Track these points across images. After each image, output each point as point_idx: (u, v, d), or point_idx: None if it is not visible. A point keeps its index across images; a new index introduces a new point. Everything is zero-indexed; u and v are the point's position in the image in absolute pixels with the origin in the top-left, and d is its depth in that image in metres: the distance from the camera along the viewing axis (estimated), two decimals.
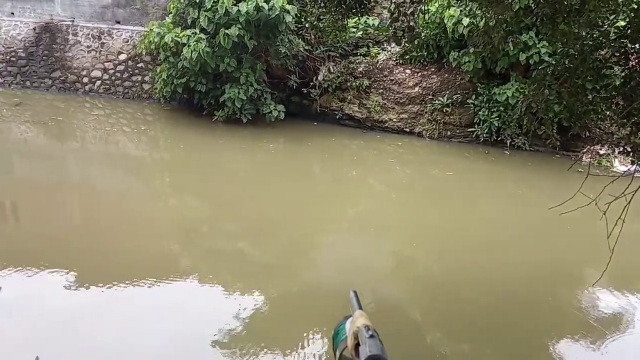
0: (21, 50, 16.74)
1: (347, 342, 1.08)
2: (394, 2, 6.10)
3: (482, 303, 7.01)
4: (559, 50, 6.74)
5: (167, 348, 5.60)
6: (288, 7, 12.97)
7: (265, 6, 12.65)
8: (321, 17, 13.04)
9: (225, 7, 12.59)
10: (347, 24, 14.16)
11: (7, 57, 16.76)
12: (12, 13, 17.02)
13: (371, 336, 1.02)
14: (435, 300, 7.12)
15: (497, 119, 12.90)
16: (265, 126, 13.87)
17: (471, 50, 12.61)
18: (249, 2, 12.60)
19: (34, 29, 16.68)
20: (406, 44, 11.59)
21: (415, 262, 8.29)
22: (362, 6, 7.18)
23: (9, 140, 13.30)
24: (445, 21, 12.78)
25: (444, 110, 13.67)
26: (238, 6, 12.63)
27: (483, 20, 6.79)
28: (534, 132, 6.94)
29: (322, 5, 7.55)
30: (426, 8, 13.41)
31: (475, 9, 7.24)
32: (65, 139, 13.71)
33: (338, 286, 7.20)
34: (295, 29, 14.10)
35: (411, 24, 5.40)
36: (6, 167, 11.58)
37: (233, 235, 8.83)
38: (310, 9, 13.17)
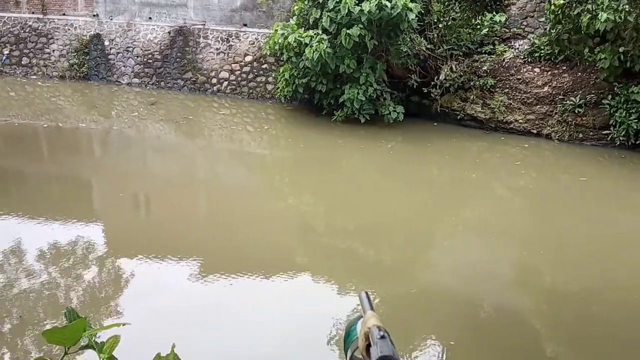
0: (157, 53, 17.94)
1: (358, 342, 1.06)
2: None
3: (614, 319, 6.45)
4: None
5: (284, 338, 5.72)
6: (411, 5, 12.74)
7: (388, 4, 12.53)
8: (453, 16, 12.77)
9: (348, 7, 12.65)
10: (481, 21, 13.70)
11: (145, 59, 18.03)
12: (150, 18, 18.28)
13: (382, 337, 1.00)
14: (560, 313, 6.66)
15: (635, 120, 11.88)
16: (383, 126, 13.78)
17: (609, 47, 11.69)
18: (372, 1, 12.54)
19: (169, 32, 17.81)
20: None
21: (541, 271, 7.80)
22: (498, 3, 6.89)
23: (144, 136, 14.30)
24: (581, 16, 11.92)
25: (576, 111, 12.79)
26: (360, 6, 12.63)
27: (634, 16, 6.25)
28: None
29: (455, 3, 7.36)
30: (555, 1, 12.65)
31: (623, 5, 6.69)
32: (194, 136, 14.50)
33: (454, 292, 6.98)
34: (418, 27, 13.85)
35: (525, 18, 5.09)
36: (141, 161, 12.48)
37: (349, 234, 8.85)
38: (444, 9, 12.91)
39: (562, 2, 12.21)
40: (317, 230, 9.18)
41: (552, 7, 12.03)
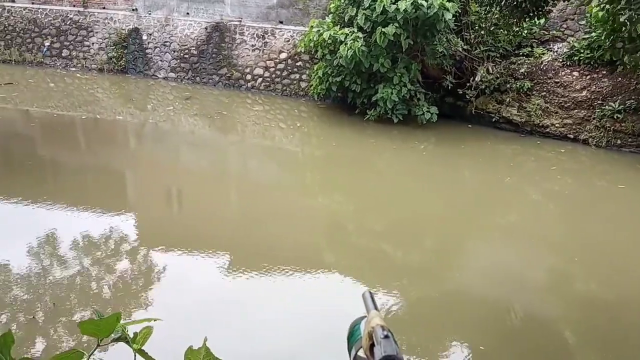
0: (193, 48, 18.14)
1: (362, 342, 1.07)
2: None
3: None
4: None
5: (309, 336, 5.73)
6: (448, 4, 12.60)
7: (424, 4, 12.42)
8: (495, 22, 12.58)
9: (384, 5, 12.58)
10: (522, 26, 13.45)
11: (182, 54, 18.25)
12: (188, 13, 18.49)
13: (386, 336, 1.00)
14: (593, 322, 6.52)
15: None
16: (416, 127, 13.68)
17: None
18: (407, 0, 12.45)
19: (206, 28, 17.99)
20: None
21: (575, 278, 7.65)
22: (540, 9, 6.79)
23: (179, 130, 14.49)
24: (623, 19, 11.64)
25: (615, 117, 12.48)
26: (397, 4, 12.55)
27: None
28: None
29: (497, 9, 7.28)
30: (596, 5, 12.37)
31: None
32: (227, 131, 14.63)
33: (483, 295, 6.90)
34: (455, 27, 13.70)
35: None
36: (175, 155, 12.64)
37: (378, 234, 8.82)
38: (484, 15, 12.73)
39: (607, 7, 11.97)
40: (347, 229, 9.16)
41: (597, 11, 11.79)
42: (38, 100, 15.80)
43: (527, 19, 7.97)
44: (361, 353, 1.07)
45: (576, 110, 13.09)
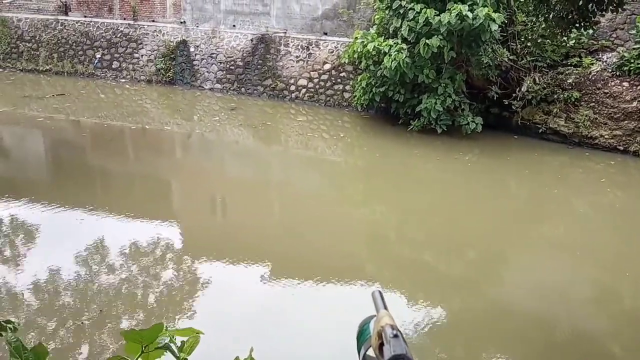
0: (239, 60, 18.45)
1: (371, 341, 1.07)
2: (614, 12, 5.57)
3: None
4: None
5: (350, 345, 5.72)
6: (494, 15, 12.45)
7: (470, 15, 12.32)
8: (541, 32, 12.38)
9: (427, 16, 12.55)
10: (569, 37, 13.20)
11: (228, 66, 18.60)
12: (234, 25, 18.85)
13: (395, 336, 1.00)
14: None
15: None
16: (460, 138, 13.54)
17: None
18: (452, 11, 12.37)
19: (252, 40, 18.29)
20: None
21: (624, 294, 7.42)
22: (587, 20, 6.65)
23: (224, 140, 14.74)
24: None
25: None
26: (440, 16, 12.50)
27: None
28: None
29: (542, 20, 7.17)
30: None
31: None
32: (271, 142, 14.80)
33: (528, 309, 6.76)
34: (501, 37, 13.54)
35: (615, 30, 4.90)
36: (219, 164, 12.87)
37: (420, 245, 8.76)
38: (530, 27, 12.55)
39: None
40: (389, 240, 9.13)
41: None
42: (89, 110, 16.35)
43: (573, 30, 7.79)
44: (370, 352, 1.08)
45: (626, 122, 12.73)
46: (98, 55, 20.04)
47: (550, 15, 6.59)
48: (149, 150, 13.54)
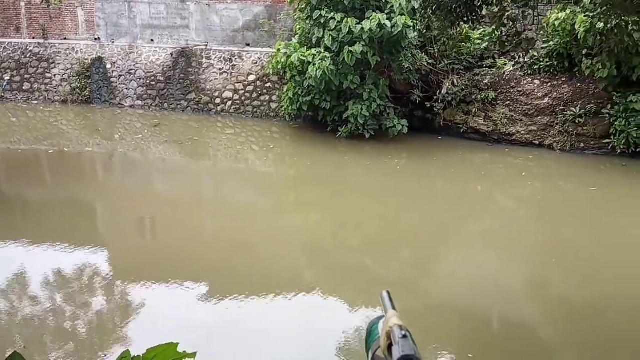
0: (160, 75, 18.03)
1: (379, 342, 1.07)
2: (498, 6, 5.89)
3: (628, 327, 6.39)
4: None
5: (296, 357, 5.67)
6: (411, 23, 12.91)
7: (388, 23, 12.68)
8: (430, 26, 12.92)
9: (349, 26, 12.76)
10: (467, 33, 13.80)
11: (148, 82, 18.13)
12: (152, 40, 18.42)
13: (404, 336, 1.00)
14: (574, 325, 6.61)
15: (635, 129, 12.00)
16: (388, 141, 13.80)
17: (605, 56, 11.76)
18: (372, 20, 12.68)
19: (172, 54, 17.92)
20: (523, 53, 11.00)
21: (552, 281, 7.82)
22: (473, 14, 6.95)
23: (149, 159, 14.33)
24: (577, 27, 12.04)
25: (577, 121, 12.84)
26: (361, 24, 12.75)
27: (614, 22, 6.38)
28: None
29: (431, 14, 7.43)
30: (552, 15, 12.73)
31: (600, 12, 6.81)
32: (199, 157, 14.53)
33: (465, 304, 6.94)
34: (419, 43, 13.95)
35: (524, 31, 5.21)
36: (146, 184, 12.47)
37: (356, 251, 8.83)
38: (422, 21, 13.03)
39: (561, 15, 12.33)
40: (326, 247, 9.15)
41: (554, 20, 12.18)
42: (0, 136, 15.48)
43: (460, 23, 8.17)
44: (379, 353, 1.07)
45: (540, 117, 13.39)
46: (7, 77, 19.02)
47: (438, 8, 6.85)
48: (69, 174, 12.92)
